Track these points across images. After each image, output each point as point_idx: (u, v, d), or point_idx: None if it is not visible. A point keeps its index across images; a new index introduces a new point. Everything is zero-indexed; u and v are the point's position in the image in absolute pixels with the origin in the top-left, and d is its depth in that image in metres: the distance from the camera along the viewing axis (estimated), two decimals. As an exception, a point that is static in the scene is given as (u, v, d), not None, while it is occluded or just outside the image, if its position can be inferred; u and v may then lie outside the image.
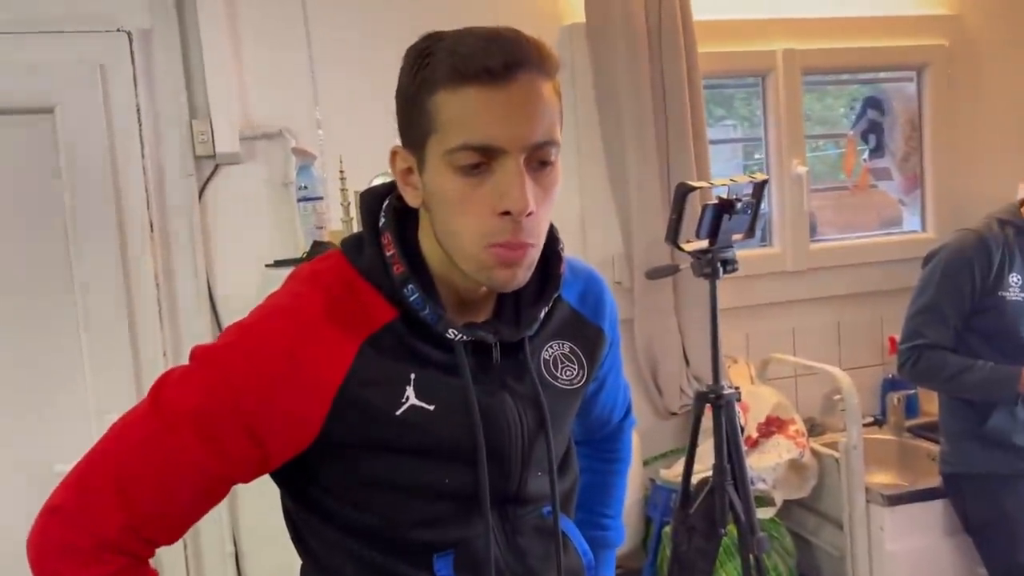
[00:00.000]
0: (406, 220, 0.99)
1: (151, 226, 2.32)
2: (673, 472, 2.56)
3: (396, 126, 0.94)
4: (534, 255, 0.92)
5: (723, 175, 2.29)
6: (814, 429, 2.85)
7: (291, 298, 0.95)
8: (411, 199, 0.94)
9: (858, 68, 3.06)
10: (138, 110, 2.30)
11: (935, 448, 2.52)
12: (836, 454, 2.46)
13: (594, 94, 2.66)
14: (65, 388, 2.23)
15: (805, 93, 2.92)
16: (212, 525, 2.38)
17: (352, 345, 0.92)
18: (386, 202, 0.99)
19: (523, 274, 0.92)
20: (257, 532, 2.42)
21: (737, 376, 2.77)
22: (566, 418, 1.10)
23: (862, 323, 3.03)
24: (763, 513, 2.47)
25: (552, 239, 1.04)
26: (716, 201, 1.96)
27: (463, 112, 0.85)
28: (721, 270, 2.00)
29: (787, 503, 2.59)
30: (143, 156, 2.30)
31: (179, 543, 2.31)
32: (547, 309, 1.03)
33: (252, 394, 0.89)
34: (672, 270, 2.19)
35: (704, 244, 1.98)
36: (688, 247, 1.98)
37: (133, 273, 2.31)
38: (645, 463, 2.70)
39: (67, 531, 0.88)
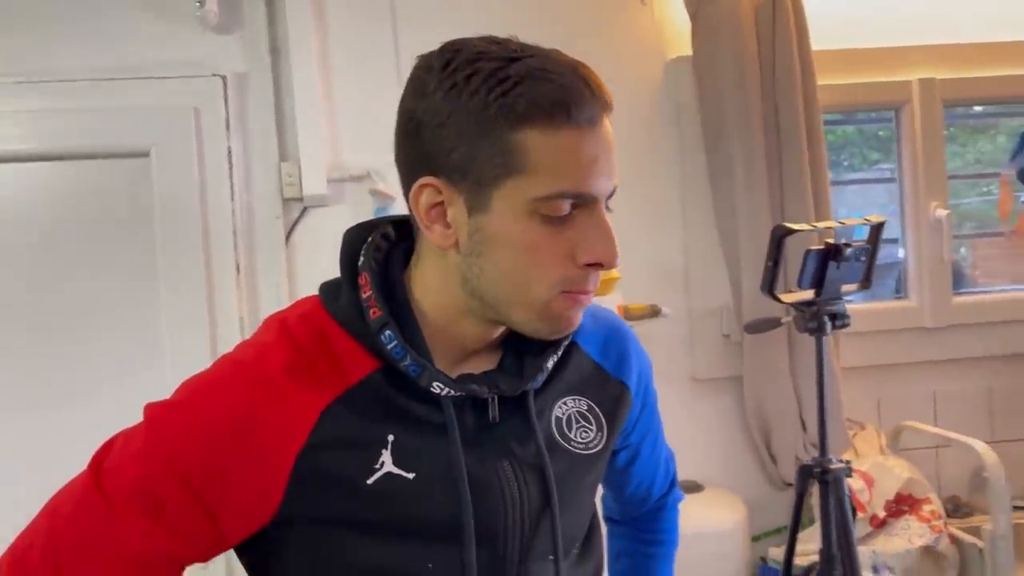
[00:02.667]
0: (391, 260, 0.86)
1: (238, 268, 2.32)
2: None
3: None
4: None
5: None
6: (958, 510, 2.48)
7: (253, 349, 0.84)
8: (439, 240, 0.80)
9: (1012, 99, 2.71)
10: (229, 153, 2.32)
11: (1110, 543, 2.12)
12: (980, 543, 2.10)
13: (701, 133, 2.47)
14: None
15: (968, 133, 2.61)
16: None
17: (316, 404, 0.80)
18: (369, 240, 0.87)
19: (581, 315, 0.83)
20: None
21: (864, 445, 2.45)
22: (581, 490, 0.92)
23: (1019, 389, 2.63)
24: (890, 607, 2.15)
25: None
26: (821, 246, 1.72)
27: (560, 157, 0.75)
28: (829, 325, 1.75)
29: (922, 597, 2.24)
30: (232, 198, 2.32)
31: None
32: (557, 358, 0.88)
33: (197, 464, 0.78)
34: (772, 324, 1.95)
35: (808, 295, 1.74)
36: (787, 298, 1.74)
37: (220, 314, 2.30)
38: (755, 539, 2.42)
39: None
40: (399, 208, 2.29)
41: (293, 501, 0.79)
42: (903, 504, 2.24)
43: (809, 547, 2.10)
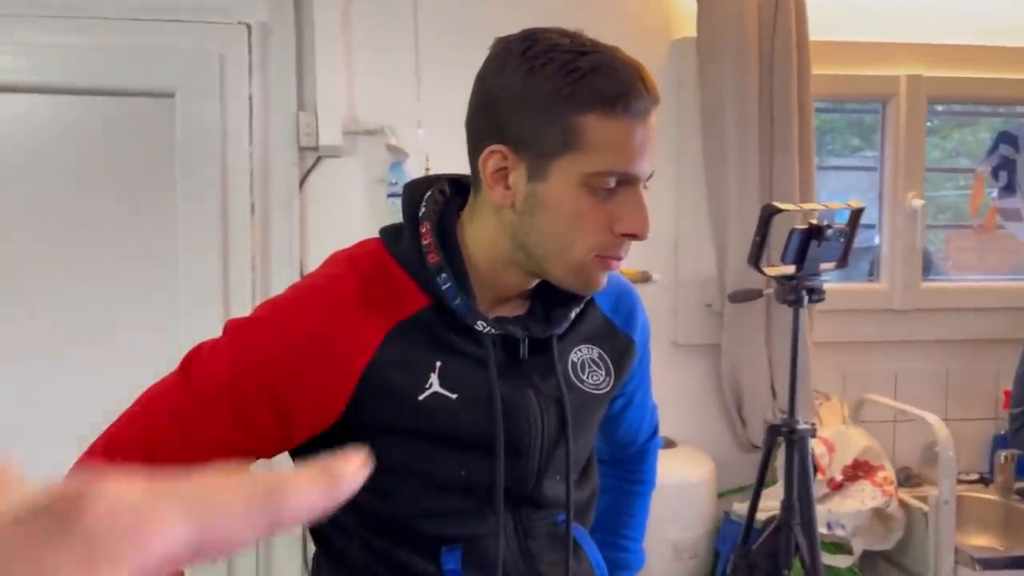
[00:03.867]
0: (446, 213, 1.00)
1: (252, 210, 2.43)
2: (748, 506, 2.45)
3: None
4: None
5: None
6: (910, 479, 2.68)
7: (326, 279, 0.97)
8: (499, 199, 0.94)
9: (992, 100, 2.87)
10: (250, 99, 2.41)
11: (1043, 515, 2.33)
12: (926, 508, 2.30)
13: (699, 111, 2.60)
14: (157, 354, 2.36)
15: (962, 125, 2.75)
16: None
17: (382, 328, 0.94)
18: (428, 194, 1.00)
19: (605, 280, 0.96)
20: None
21: (828, 414, 2.63)
22: (589, 424, 1.08)
23: (975, 372, 2.82)
24: (840, 561, 2.34)
25: None
26: (805, 226, 1.87)
27: (613, 141, 0.88)
28: (806, 298, 1.90)
29: (871, 555, 2.44)
30: (251, 143, 2.41)
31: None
32: (578, 310, 1.03)
33: (280, 369, 0.91)
34: (755, 294, 2.11)
35: (789, 270, 1.90)
36: (771, 271, 1.90)
37: (233, 253, 2.41)
38: (720, 495, 2.60)
39: None
40: (412, 164, 2.41)
41: (356, 407, 0.93)
42: (859, 470, 2.42)
43: (770, 503, 2.27)
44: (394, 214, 2.34)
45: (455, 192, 1.02)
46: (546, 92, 0.87)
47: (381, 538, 0.99)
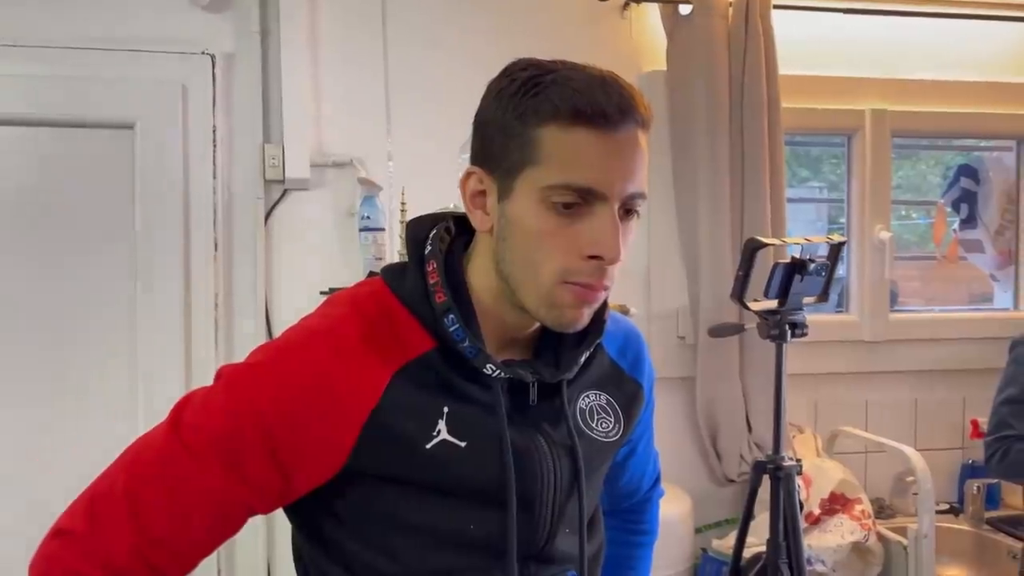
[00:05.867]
0: (452, 251, 0.95)
1: (216, 245, 2.34)
2: (726, 543, 2.41)
3: (467, 155, 0.91)
4: (604, 299, 0.90)
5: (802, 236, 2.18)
6: (882, 511, 2.67)
7: (326, 321, 0.92)
8: (479, 223, 0.91)
9: (953, 134, 2.93)
10: (214, 131, 2.33)
11: (1017, 545, 2.34)
12: (905, 541, 2.29)
13: (670, 143, 2.59)
14: (115, 398, 2.25)
15: (902, 159, 2.79)
16: (247, 555, 2.34)
17: (386, 372, 0.88)
18: (433, 231, 0.95)
19: (589, 315, 0.89)
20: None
21: (802, 447, 2.62)
22: (599, 473, 1.03)
23: (942, 402, 2.84)
24: (821, 597, 2.32)
25: None
26: (788, 260, 1.86)
27: (571, 152, 0.83)
28: (789, 333, 1.89)
29: (848, 589, 2.41)
30: (214, 176, 2.34)
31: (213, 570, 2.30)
32: (588, 354, 0.97)
33: (278, 418, 0.85)
34: (736, 329, 2.09)
35: (772, 304, 1.88)
36: (755, 306, 1.88)
37: (194, 290, 2.32)
38: (697, 531, 2.56)
39: (75, 557, 0.84)
40: (385, 197, 2.36)
41: (360, 456, 0.86)
42: (836, 503, 2.41)
43: (750, 539, 2.24)
44: (367, 248, 2.29)
45: (460, 230, 0.97)
46: (510, 110, 0.85)
47: None
